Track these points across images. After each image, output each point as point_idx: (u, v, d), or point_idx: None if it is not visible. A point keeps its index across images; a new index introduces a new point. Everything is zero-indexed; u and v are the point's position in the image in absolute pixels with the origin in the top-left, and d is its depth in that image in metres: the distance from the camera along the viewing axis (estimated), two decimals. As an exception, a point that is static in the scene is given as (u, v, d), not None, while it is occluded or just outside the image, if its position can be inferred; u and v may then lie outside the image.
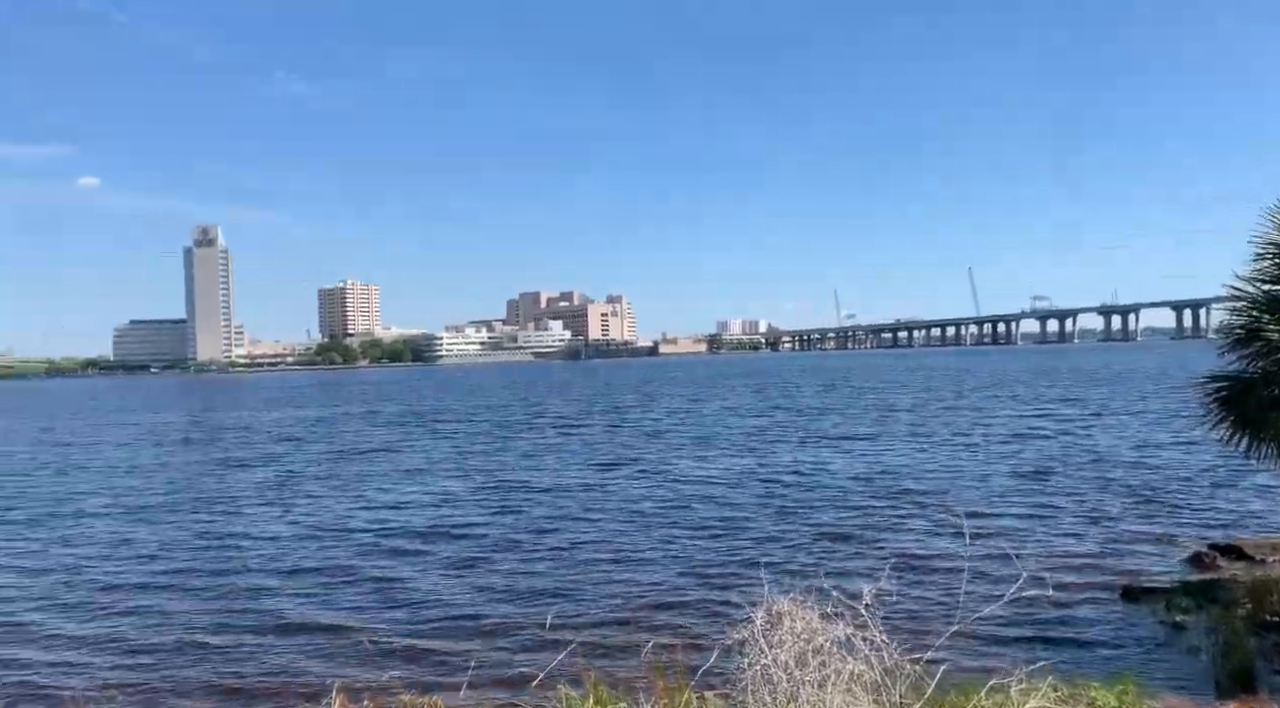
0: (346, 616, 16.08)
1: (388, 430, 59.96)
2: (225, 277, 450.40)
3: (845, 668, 6.22)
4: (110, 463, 45.31)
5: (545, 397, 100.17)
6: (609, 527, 23.14)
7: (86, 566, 21.08)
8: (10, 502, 32.66)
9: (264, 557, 21.18)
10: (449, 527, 24.04)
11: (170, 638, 15.07)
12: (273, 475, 37.02)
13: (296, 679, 12.86)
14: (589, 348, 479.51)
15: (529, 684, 9.57)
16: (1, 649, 15.09)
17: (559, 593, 16.83)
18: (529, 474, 34.08)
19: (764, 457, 37.00)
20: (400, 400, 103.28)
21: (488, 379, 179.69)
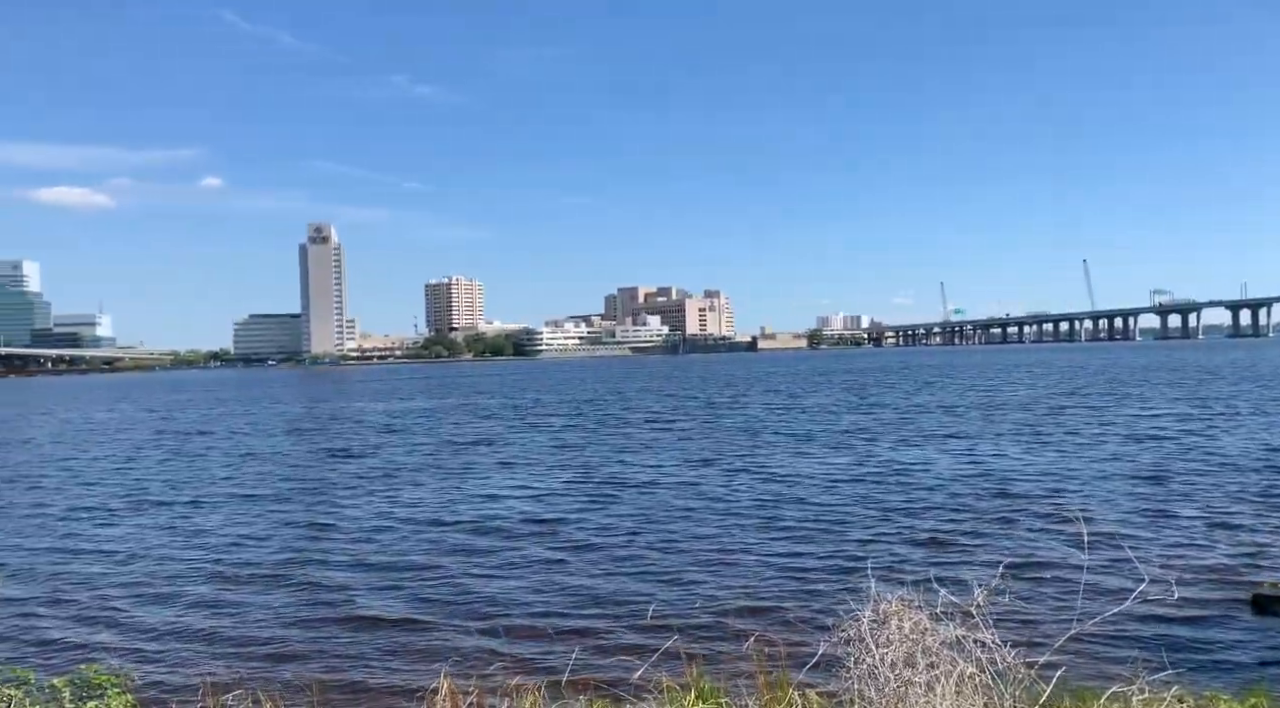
0: (449, 607, 16.45)
1: (486, 423, 61.20)
2: (339, 272, 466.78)
3: (955, 670, 6.04)
4: (226, 452, 47.55)
5: (640, 391, 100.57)
6: (705, 524, 23.06)
7: (196, 553, 22.09)
8: (131, 488, 34.61)
9: (368, 547, 21.82)
10: (546, 520, 24.35)
11: (274, 627, 15.64)
12: (377, 466, 38.20)
13: (403, 669, 13.21)
14: (686, 343, 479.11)
15: (631, 676, 9.62)
16: (116, 633, 15.97)
17: (657, 588, 16.88)
18: (623, 469, 34.26)
19: (864, 455, 36.30)
20: (499, 394, 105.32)
21: (584, 373, 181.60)
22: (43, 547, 23.20)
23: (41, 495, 32.96)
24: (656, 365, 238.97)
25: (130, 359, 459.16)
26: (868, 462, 34.03)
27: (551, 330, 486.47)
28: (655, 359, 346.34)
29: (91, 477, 38.02)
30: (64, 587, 18.61)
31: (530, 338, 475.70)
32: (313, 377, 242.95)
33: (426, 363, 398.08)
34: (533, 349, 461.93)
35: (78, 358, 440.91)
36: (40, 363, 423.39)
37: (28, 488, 35.33)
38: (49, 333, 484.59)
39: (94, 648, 14.51)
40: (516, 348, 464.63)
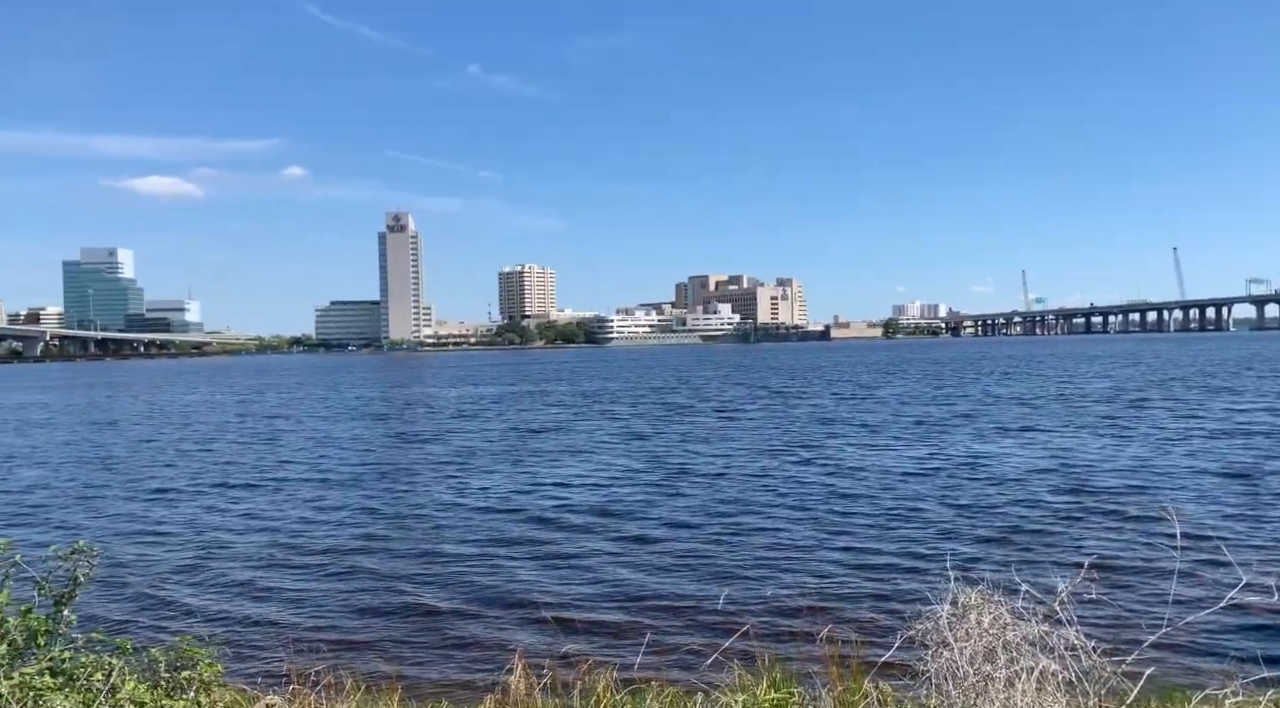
0: (522, 589, 16.68)
1: (555, 410, 61.71)
2: (415, 260, 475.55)
3: (1037, 666, 5.88)
4: (308, 434, 48.94)
5: (709, 380, 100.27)
6: (774, 516, 22.88)
7: (274, 535, 22.75)
8: (212, 470, 35.83)
9: (438, 533, 22.19)
10: (613, 509, 24.40)
11: (349, 609, 16.01)
12: (448, 452, 38.85)
13: (476, 653, 13.41)
14: (757, 331, 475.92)
15: (703, 662, 9.61)
16: (195, 610, 16.56)
17: (729, 576, 16.82)
18: (691, 459, 34.15)
19: (938, 447, 35.58)
20: (569, 381, 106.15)
21: (654, 361, 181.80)
22: (128, 526, 24.19)
23: (128, 475, 34.38)
24: (726, 354, 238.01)
25: (218, 344, 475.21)
26: (942, 455, 33.37)
27: (622, 318, 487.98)
28: (726, 348, 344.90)
29: (175, 458, 39.51)
30: (147, 565, 19.35)
31: (601, 325, 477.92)
32: (390, 362, 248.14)
33: (499, 350, 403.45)
34: (603, 337, 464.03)
35: (168, 342, 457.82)
36: (134, 347, 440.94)
37: (117, 468, 36.87)
38: (142, 318, 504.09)
39: (176, 623, 15.09)
40: (587, 335, 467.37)
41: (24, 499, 29.08)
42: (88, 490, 30.42)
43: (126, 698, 5.38)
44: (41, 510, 26.80)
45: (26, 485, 32.10)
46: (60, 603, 6.22)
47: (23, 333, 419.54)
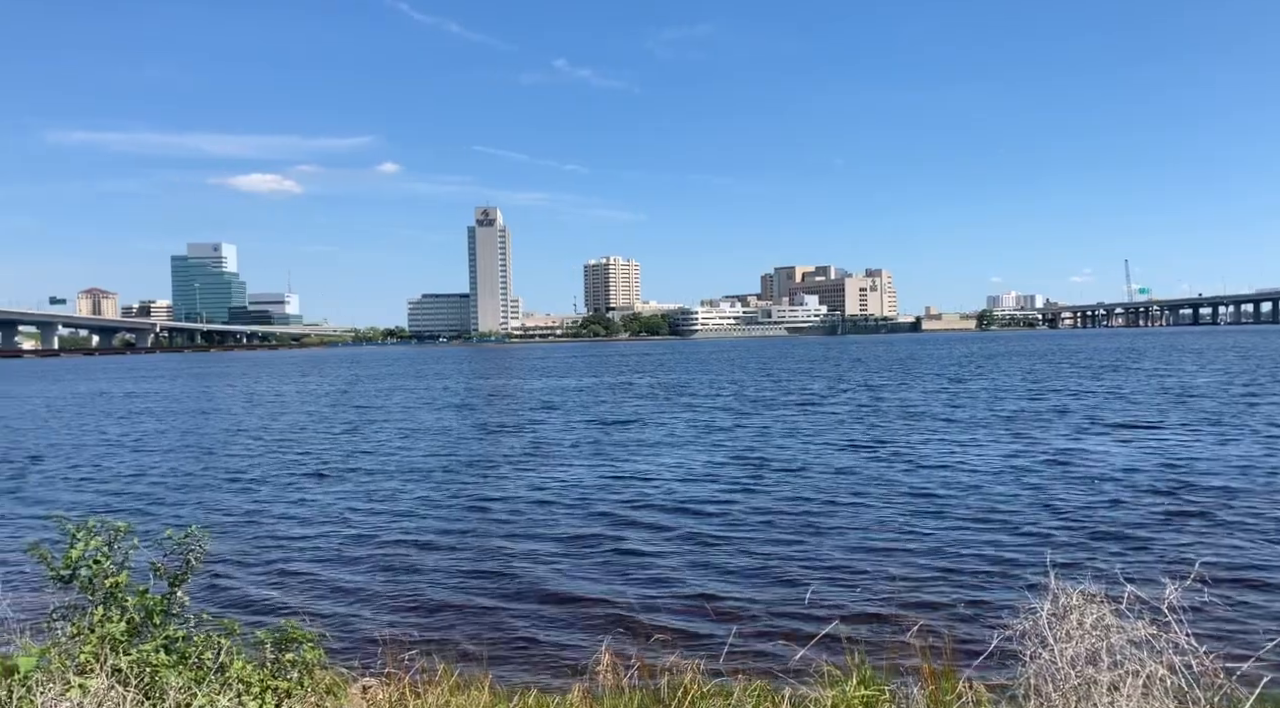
0: (606, 581, 16.81)
1: (639, 402, 61.89)
2: (504, 254, 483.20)
3: (1144, 670, 5.66)
4: (396, 425, 50.19)
5: (795, 372, 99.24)
6: (861, 509, 22.52)
7: (366, 522, 23.43)
8: (309, 457, 37.03)
9: (524, 522, 22.51)
10: (696, 500, 24.35)
11: (438, 594, 16.36)
12: (533, 442, 39.33)
13: (563, 639, 13.58)
14: (845, 323, 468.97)
15: (790, 657, 9.54)
16: (294, 592, 17.13)
17: (814, 572, 16.63)
18: (774, 452, 33.78)
19: (1033, 442, 34.48)
20: (652, 373, 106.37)
21: (738, 353, 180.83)
22: (225, 512, 25.19)
23: (226, 463, 35.80)
24: (813, 346, 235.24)
25: (316, 336, 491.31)
26: (1036, 451, 32.33)
27: (707, 310, 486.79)
28: (812, 340, 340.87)
29: (270, 447, 40.97)
30: (244, 550, 20.07)
31: (686, 317, 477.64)
32: (478, 354, 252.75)
33: (585, 341, 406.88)
34: (688, 329, 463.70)
35: (269, 334, 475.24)
36: (237, 339, 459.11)
37: (215, 456, 38.45)
38: (244, 310, 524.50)
39: (275, 605, 15.66)
40: (672, 327, 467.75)
41: (130, 486, 30.55)
42: (187, 478, 31.79)
43: (235, 676, 5.61)
44: (147, 496, 28.11)
45: (133, 472, 33.73)
46: (174, 584, 6.52)
47: (135, 325, 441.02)
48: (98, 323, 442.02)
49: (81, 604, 6.27)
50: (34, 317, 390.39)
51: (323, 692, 6.43)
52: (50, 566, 6.39)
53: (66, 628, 6.03)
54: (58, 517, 7.04)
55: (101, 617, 5.97)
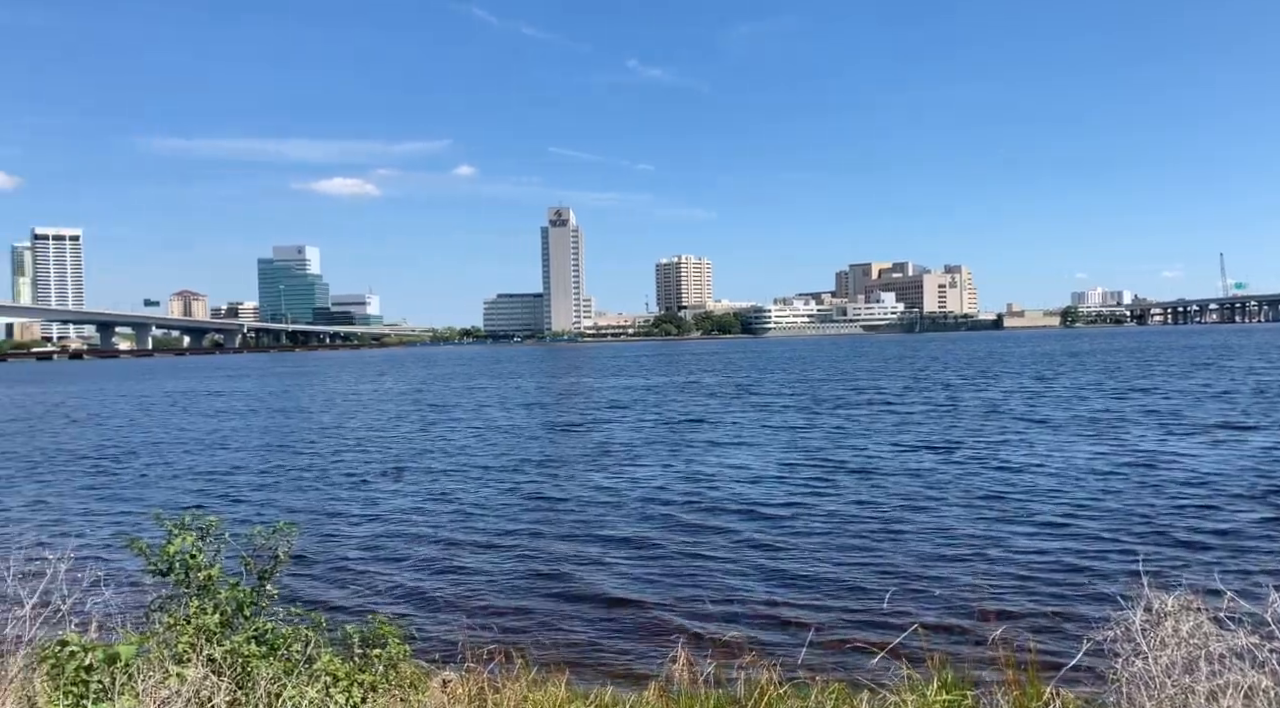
0: (680, 580, 16.81)
1: (710, 401, 61.61)
2: (576, 254, 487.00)
3: (1245, 681, 5.42)
4: (470, 422, 50.95)
5: (870, 371, 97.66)
6: (940, 511, 22.05)
7: (440, 520, 23.83)
8: (384, 455, 37.80)
9: (599, 519, 22.65)
10: (769, 500, 24.14)
11: (511, 593, 16.59)
12: (603, 442, 39.46)
13: (637, 641, 13.59)
14: (923, 320, 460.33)
15: (869, 660, 9.40)
16: (373, 589, 17.49)
17: (892, 574, 16.36)
18: (848, 453, 33.19)
19: (1119, 445, 33.22)
20: (724, 372, 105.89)
21: (812, 352, 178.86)
22: (307, 508, 25.89)
23: (308, 460, 36.80)
24: (889, 344, 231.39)
25: (395, 335, 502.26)
26: (1124, 452, 31.22)
27: (780, 308, 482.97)
28: (888, 338, 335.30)
29: (349, 444, 42.01)
30: (325, 545, 20.60)
31: (758, 316, 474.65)
32: (552, 353, 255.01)
33: (656, 340, 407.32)
34: (760, 327, 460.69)
35: (351, 334, 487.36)
36: (320, 339, 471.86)
37: (298, 453, 39.55)
38: (327, 311, 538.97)
39: (349, 601, 16.03)
40: (744, 326, 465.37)
41: (215, 483, 31.62)
42: (268, 475, 32.77)
43: (322, 669, 5.76)
44: (230, 493, 29.04)
45: (218, 468, 34.91)
46: (263, 578, 6.73)
47: (223, 325, 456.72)
48: (189, 324, 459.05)
49: (177, 596, 6.51)
50: (130, 318, 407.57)
51: (406, 686, 6.56)
52: (148, 559, 6.64)
53: (164, 619, 6.26)
54: (156, 514, 7.33)
55: (196, 609, 6.20)
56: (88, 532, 21.67)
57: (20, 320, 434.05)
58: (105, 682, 4.95)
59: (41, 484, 31.76)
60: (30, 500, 28.33)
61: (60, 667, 5.11)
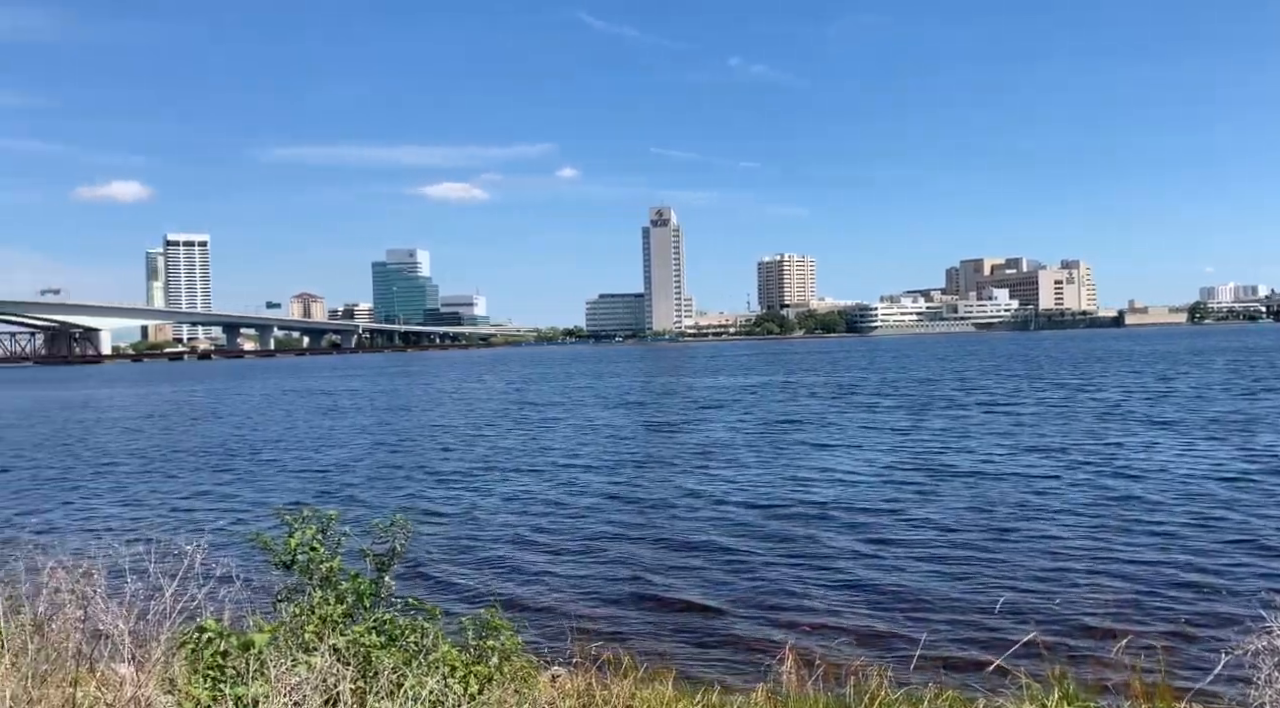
0: (786, 584, 16.62)
1: (810, 402, 60.69)
2: (677, 253, 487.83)
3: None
4: (570, 422, 51.55)
5: (980, 371, 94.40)
6: (1056, 517, 21.14)
7: (547, 515, 24.20)
8: (488, 453, 38.56)
9: (700, 521, 22.54)
10: (873, 504, 23.57)
11: (619, 590, 16.69)
12: (704, 441, 39.37)
13: (746, 638, 13.53)
14: (1038, 318, 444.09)
15: (984, 669, 9.13)
16: (488, 578, 17.83)
17: (1005, 581, 15.78)
18: (955, 455, 32.19)
19: (1250, 448, 31.21)
20: (826, 371, 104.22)
21: (919, 351, 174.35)
22: (417, 503, 26.67)
23: (415, 457, 37.90)
24: (1001, 343, 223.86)
25: (501, 336, 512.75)
26: (1256, 456, 29.38)
27: (887, 306, 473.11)
28: (1001, 336, 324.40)
29: (455, 442, 43.09)
30: (433, 539, 21.08)
31: (864, 314, 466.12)
32: (651, 352, 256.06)
33: (758, 339, 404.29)
34: (866, 325, 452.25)
35: (459, 334, 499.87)
36: (430, 339, 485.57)
37: (405, 450, 40.78)
38: (437, 312, 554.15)
39: (458, 594, 16.40)
40: (849, 324, 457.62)
41: (332, 477, 32.89)
42: (379, 471, 33.89)
43: (440, 659, 5.93)
44: (346, 487, 30.16)
45: (333, 465, 36.30)
46: (382, 570, 6.97)
47: (340, 326, 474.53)
48: (308, 325, 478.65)
49: (301, 588, 6.78)
50: (253, 320, 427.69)
51: (518, 679, 6.69)
52: (273, 552, 6.95)
53: (290, 609, 6.55)
54: (278, 510, 7.66)
55: (319, 599, 6.45)
56: (220, 524, 22.82)
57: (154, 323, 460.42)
58: (239, 667, 5.21)
59: (173, 478, 33.63)
60: (164, 494, 30.03)
61: (198, 652, 5.41)
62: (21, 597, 6.57)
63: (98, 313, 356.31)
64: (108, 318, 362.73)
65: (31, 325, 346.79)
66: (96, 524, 23.65)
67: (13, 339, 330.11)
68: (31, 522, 23.81)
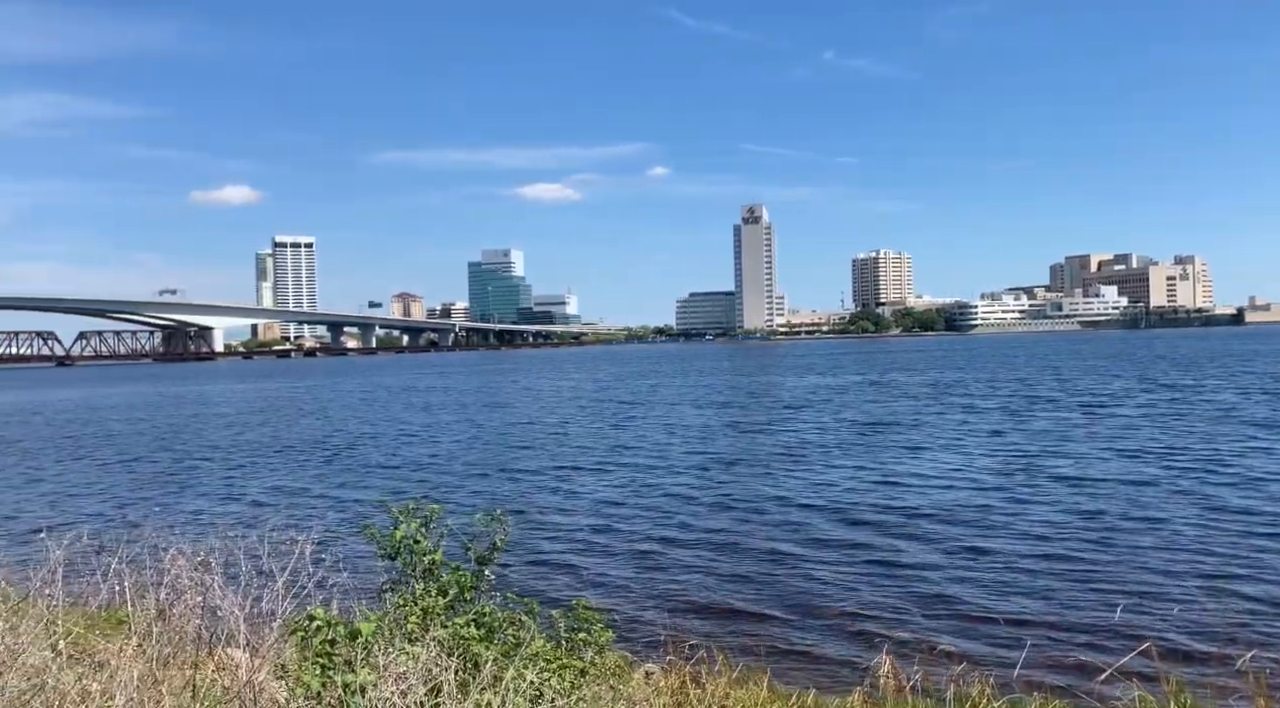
0: (880, 585, 16.37)
1: (905, 402, 59.31)
2: (769, 251, 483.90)
3: None
4: (657, 420, 51.55)
5: (1084, 371, 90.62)
6: (1167, 526, 20.12)
7: (626, 514, 24.33)
8: (573, 451, 38.88)
9: (788, 524, 22.21)
10: (971, 509, 22.85)
11: (712, 588, 16.70)
12: (793, 442, 38.85)
13: (840, 645, 13.32)
14: (1149, 316, 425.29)
15: (1093, 678, 8.80)
16: (578, 574, 18.00)
17: (1114, 590, 15.12)
18: (1057, 458, 30.92)
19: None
20: (922, 371, 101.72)
21: (1021, 350, 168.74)
22: (506, 498, 27.16)
23: (507, 453, 38.49)
24: (1108, 342, 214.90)
25: (592, 334, 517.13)
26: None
27: (987, 303, 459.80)
28: (1110, 335, 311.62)
29: (542, 439, 43.68)
30: (522, 535, 21.12)
31: (963, 311, 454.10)
32: (742, 351, 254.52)
33: (852, 338, 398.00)
34: (965, 324, 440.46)
35: (551, 333, 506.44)
36: (523, 337, 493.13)
37: (498, 446, 41.47)
38: (530, 311, 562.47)
39: (548, 590, 16.59)
40: (948, 322, 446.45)
41: (427, 471, 33.75)
42: (474, 466, 34.63)
43: (536, 653, 6.01)
44: (443, 482, 30.89)
45: (430, 459, 37.25)
46: (482, 563, 7.11)
47: (438, 325, 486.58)
48: (407, 323, 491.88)
49: (405, 579, 6.98)
50: (356, 319, 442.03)
51: (612, 674, 6.74)
52: (378, 544, 7.16)
53: (394, 599, 6.74)
54: (383, 502, 7.90)
55: (422, 591, 6.63)
56: (325, 516, 23.62)
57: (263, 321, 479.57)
58: (349, 655, 5.38)
59: (279, 471, 35.00)
60: (272, 486, 31.30)
61: (308, 639, 5.61)
62: (147, 583, 6.92)
63: (211, 312, 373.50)
64: (220, 317, 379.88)
65: (151, 324, 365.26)
66: (212, 515, 24.77)
67: (133, 337, 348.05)
68: (155, 511, 25.12)
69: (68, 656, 6.38)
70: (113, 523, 23.37)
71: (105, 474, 35.64)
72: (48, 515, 25.68)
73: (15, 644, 5.50)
